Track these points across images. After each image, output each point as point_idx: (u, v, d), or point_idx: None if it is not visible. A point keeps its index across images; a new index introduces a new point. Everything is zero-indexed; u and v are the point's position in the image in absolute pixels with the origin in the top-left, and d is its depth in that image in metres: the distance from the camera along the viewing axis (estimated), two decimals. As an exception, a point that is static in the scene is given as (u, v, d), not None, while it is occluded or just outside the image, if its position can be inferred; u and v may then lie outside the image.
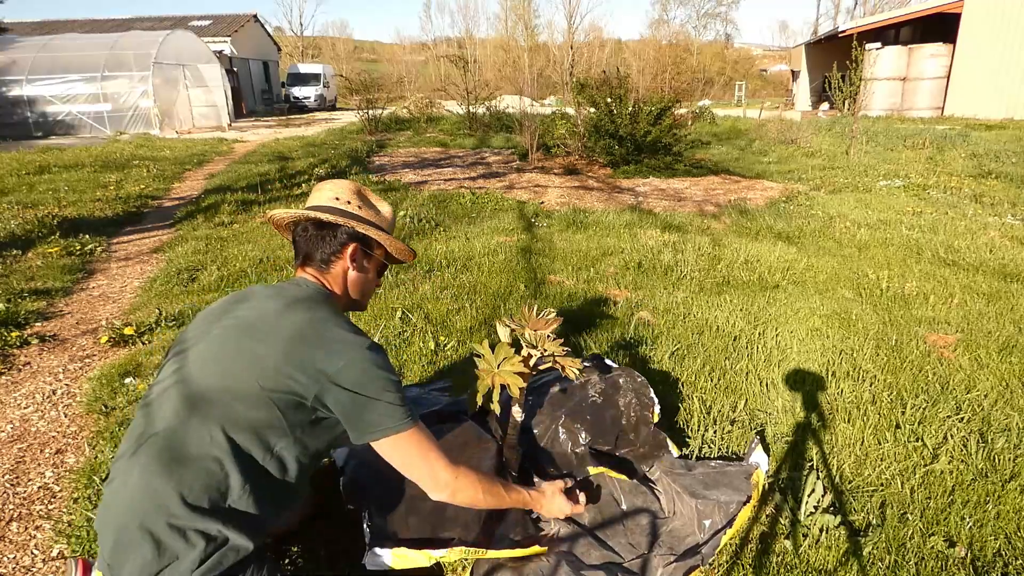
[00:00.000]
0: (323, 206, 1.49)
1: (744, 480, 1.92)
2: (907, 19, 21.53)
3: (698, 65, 49.07)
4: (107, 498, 1.26)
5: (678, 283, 4.12)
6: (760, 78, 52.12)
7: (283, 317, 1.32)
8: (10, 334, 3.32)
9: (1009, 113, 17.65)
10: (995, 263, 4.51)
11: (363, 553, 1.58)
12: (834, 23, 42.54)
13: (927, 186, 7.68)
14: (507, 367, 1.69)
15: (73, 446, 2.37)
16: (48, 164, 9.47)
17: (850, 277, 4.21)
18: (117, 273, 4.63)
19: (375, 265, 1.55)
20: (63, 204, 6.67)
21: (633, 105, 9.92)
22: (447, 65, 35.42)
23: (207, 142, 13.68)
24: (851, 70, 11.28)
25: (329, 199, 1.50)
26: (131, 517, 1.19)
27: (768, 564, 1.72)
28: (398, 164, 10.47)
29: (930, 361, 2.92)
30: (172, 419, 1.25)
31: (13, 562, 1.79)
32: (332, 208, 1.48)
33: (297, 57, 46.64)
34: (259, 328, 1.31)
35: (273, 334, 1.29)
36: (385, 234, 1.52)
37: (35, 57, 16.48)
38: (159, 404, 1.29)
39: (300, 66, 30.58)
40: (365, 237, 1.49)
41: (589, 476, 1.89)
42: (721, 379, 2.74)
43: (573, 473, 1.91)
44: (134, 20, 28.00)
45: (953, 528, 1.85)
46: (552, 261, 4.60)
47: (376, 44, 77.86)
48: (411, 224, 5.73)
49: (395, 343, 3.09)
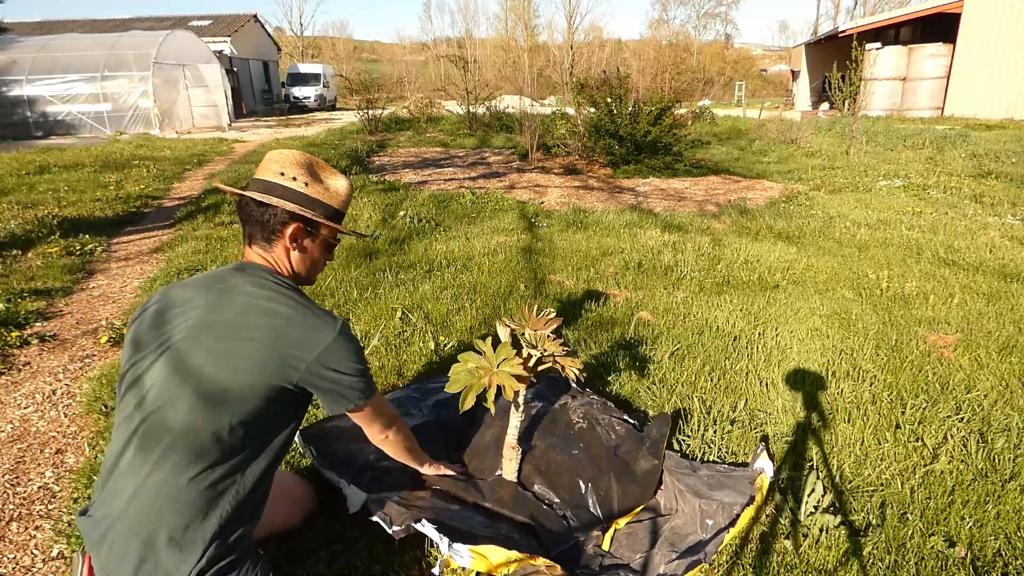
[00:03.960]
0: (264, 181, 1.41)
1: (748, 484, 1.92)
2: (907, 19, 21.53)
3: (698, 65, 49.08)
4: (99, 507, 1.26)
5: (678, 283, 4.12)
6: (760, 78, 52.10)
7: (249, 312, 1.31)
8: (10, 334, 3.32)
9: (1009, 113, 17.65)
10: (995, 263, 4.51)
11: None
12: (834, 23, 42.56)
13: (927, 186, 7.68)
14: (506, 368, 1.69)
15: (73, 446, 2.36)
16: (48, 164, 9.47)
17: (850, 277, 4.21)
18: (117, 273, 4.63)
19: (321, 243, 1.48)
20: (63, 204, 6.67)
21: (633, 105, 9.92)
22: (447, 65, 35.45)
23: (207, 142, 13.68)
24: (851, 70, 11.27)
25: (274, 174, 1.42)
26: (126, 526, 1.21)
27: (768, 564, 1.72)
28: (398, 164, 10.47)
29: (930, 361, 2.92)
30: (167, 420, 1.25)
31: (13, 562, 1.79)
32: (273, 185, 1.41)
33: (297, 57, 46.61)
34: (229, 326, 1.29)
35: (245, 329, 1.29)
36: (324, 217, 1.44)
37: (35, 57, 16.47)
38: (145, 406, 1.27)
39: (300, 66, 30.58)
40: (308, 217, 1.42)
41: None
42: (721, 379, 2.74)
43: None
44: (134, 20, 28.00)
45: (953, 528, 1.85)
46: (552, 261, 4.60)
47: (376, 44, 77.86)
48: (411, 224, 5.73)
49: (395, 343, 3.09)
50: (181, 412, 1.24)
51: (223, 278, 1.38)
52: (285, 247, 1.43)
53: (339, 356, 1.34)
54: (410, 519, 1.65)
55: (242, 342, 1.27)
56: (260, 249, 1.43)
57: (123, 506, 1.22)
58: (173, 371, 1.26)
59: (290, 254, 1.44)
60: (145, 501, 1.21)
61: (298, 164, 1.44)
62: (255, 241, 1.43)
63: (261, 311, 1.31)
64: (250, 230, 1.43)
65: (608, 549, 1.79)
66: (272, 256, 1.43)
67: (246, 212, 1.42)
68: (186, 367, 1.26)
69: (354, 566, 1.69)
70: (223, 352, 1.27)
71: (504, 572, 1.59)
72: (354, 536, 1.77)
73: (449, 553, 1.60)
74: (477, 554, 1.59)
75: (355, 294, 3.82)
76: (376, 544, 1.74)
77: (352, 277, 4.16)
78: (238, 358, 1.26)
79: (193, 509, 1.22)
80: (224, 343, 1.27)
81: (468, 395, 1.68)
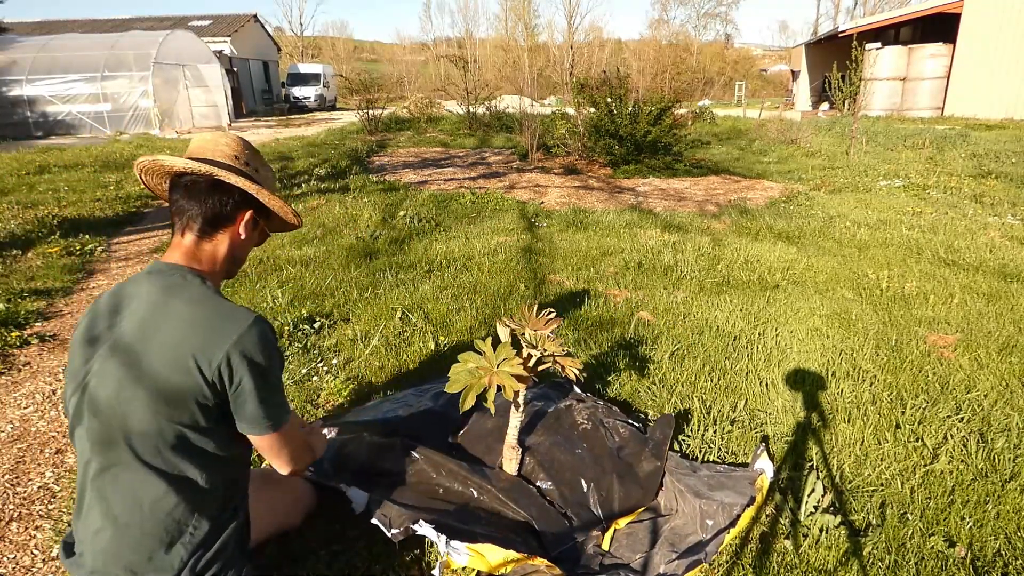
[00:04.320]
0: (222, 163, 1.31)
1: (748, 484, 1.93)
2: (907, 19, 21.54)
3: (698, 65, 49.08)
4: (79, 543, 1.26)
5: (678, 283, 4.12)
6: (760, 78, 52.10)
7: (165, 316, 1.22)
8: (10, 334, 3.32)
9: (1009, 113, 17.65)
10: (995, 263, 4.51)
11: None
12: (834, 23, 42.56)
13: (927, 186, 7.68)
14: (506, 368, 1.69)
15: (73, 446, 2.36)
16: (48, 164, 9.47)
17: (850, 277, 4.21)
18: (117, 273, 4.63)
19: (260, 231, 1.42)
20: (63, 204, 6.67)
21: (633, 105, 9.93)
22: (447, 65, 35.44)
23: (207, 142, 13.66)
24: (851, 70, 11.27)
25: (226, 156, 1.32)
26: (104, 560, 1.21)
27: (768, 564, 1.72)
28: (398, 164, 10.47)
29: (930, 361, 2.92)
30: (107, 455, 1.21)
31: (13, 562, 1.79)
32: (232, 167, 1.31)
33: (297, 57, 46.61)
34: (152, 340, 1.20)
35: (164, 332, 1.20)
36: (281, 203, 1.38)
37: (35, 57, 16.48)
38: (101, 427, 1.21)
39: (300, 66, 30.59)
40: (261, 205, 1.35)
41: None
42: (721, 379, 2.74)
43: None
44: (134, 20, 28.01)
45: (953, 528, 1.85)
46: (552, 261, 4.60)
47: (376, 44, 77.86)
48: (411, 224, 5.73)
49: (395, 343, 3.09)
50: (124, 430, 1.19)
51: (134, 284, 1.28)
52: (234, 234, 1.33)
53: (254, 348, 1.21)
54: (409, 521, 1.65)
55: (158, 350, 1.19)
56: (195, 237, 1.29)
57: (91, 544, 1.22)
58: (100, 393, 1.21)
59: (233, 243, 1.34)
60: (109, 537, 1.21)
61: (246, 149, 1.37)
62: (191, 229, 1.29)
63: (172, 315, 1.22)
64: (190, 216, 1.29)
65: (608, 549, 1.79)
66: (206, 246, 1.31)
67: (190, 192, 1.28)
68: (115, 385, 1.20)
69: (354, 566, 1.68)
70: (143, 364, 1.19)
71: (503, 572, 1.59)
72: (354, 536, 1.77)
73: (447, 551, 1.60)
74: (475, 552, 1.59)
75: (355, 294, 3.82)
76: (376, 544, 1.74)
77: (352, 277, 4.16)
78: (157, 367, 1.18)
79: (157, 535, 1.21)
80: (143, 354, 1.20)
81: (468, 395, 1.67)
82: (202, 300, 1.24)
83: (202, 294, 1.25)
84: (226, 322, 1.22)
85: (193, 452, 1.23)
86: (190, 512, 1.23)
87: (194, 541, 1.24)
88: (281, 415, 1.28)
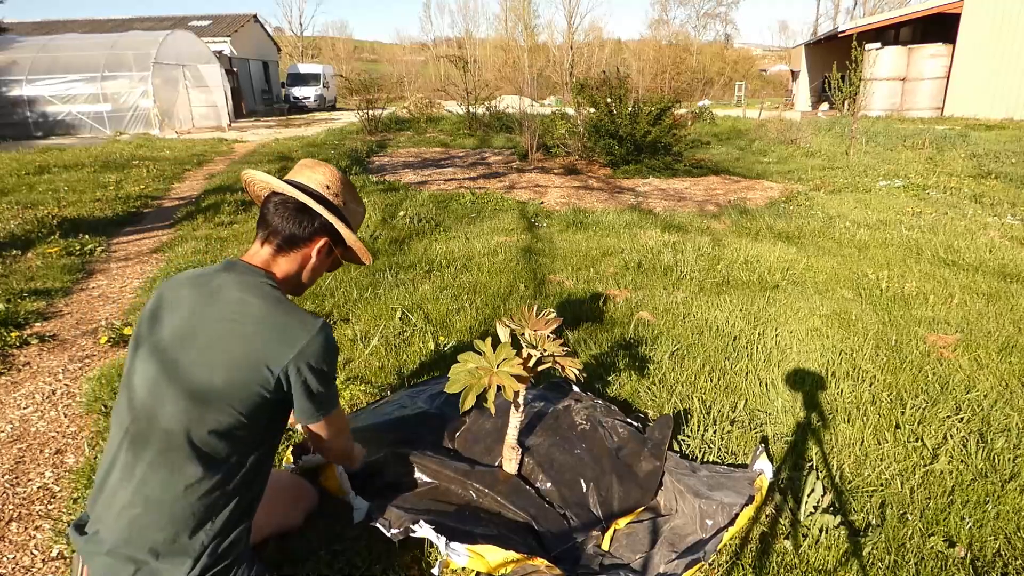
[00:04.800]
0: (311, 189, 1.44)
1: (748, 484, 1.93)
2: (907, 19, 21.54)
3: (698, 65, 49.09)
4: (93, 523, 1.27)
5: (678, 283, 4.12)
6: (760, 78, 52.07)
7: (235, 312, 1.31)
8: (10, 334, 3.31)
9: (1009, 113, 17.65)
10: (995, 263, 4.51)
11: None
12: (834, 23, 42.58)
13: (927, 186, 7.68)
14: (506, 368, 1.69)
15: (73, 446, 2.36)
16: (48, 164, 9.47)
17: (850, 277, 4.21)
18: (117, 273, 4.63)
19: (333, 260, 1.53)
20: (63, 204, 6.67)
21: (633, 105, 9.92)
22: (447, 65, 35.38)
23: (207, 142, 13.68)
24: (851, 70, 11.28)
25: (319, 184, 1.46)
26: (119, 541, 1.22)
27: (768, 564, 1.72)
28: (398, 164, 10.47)
29: (930, 361, 2.92)
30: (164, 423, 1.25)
31: (13, 562, 1.79)
32: (319, 195, 1.44)
33: (297, 57, 46.62)
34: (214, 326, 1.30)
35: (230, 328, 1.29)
36: (357, 239, 1.49)
37: (35, 57, 16.48)
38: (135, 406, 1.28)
39: (300, 66, 30.60)
40: (338, 235, 1.46)
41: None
42: (721, 379, 2.74)
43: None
44: (134, 20, 28.00)
45: (953, 528, 1.85)
46: (552, 261, 4.60)
47: (376, 44, 77.87)
48: (411, 224, 5.73)
49: (395, 343, 3.09)
50: (169, 413, 1.25)
51: (212, 276, 1.37)
52: (306, 256, 1.43)
53: (319, 354, 1.33)
54: (408, 521, 1.65)
55: (227, 340, 1.28)
56: (272, 250, 1.41)
57: (114, 521, 1.23)
58: (161, 371, 1.27)
59: (306, 264, 1.45)
60: (136, 514, 1.22)
61: (341, 181, 1.49)
62: (271, 242, 1.41)
63: (248, 311, 1.31)
64: (272, 230, 1.41)
65: (608, 549, 1.79)
66: (279, 259, 1.42)
67: (278, 210, 1.40)
68: (174, 367, 1.27)
69: (354, 566, 1.68)
70: (209, 351, 1.27)
71: (503, 572, 1.59)
72: (354, 536, 1.77)
73: (447, 552, 1.60)
74: (475, 553, 1.59)
75: (355, 294, 3.82)
76: (376, 544, 1.74)
77: (352, 277, 4.16)
78: (223, 357, 1.27)
79: (184, 519, 1.23)
80: (210, 342, 1.28)
81: (468, 395, 1.67)
82: (276, 302, 1.34)
83: (276, 297, 1.35)
84: (297, 327, 1.32)
85: (236, 441, 1.28)
86: (220, 500, 1.27)
87: (215, 528, 1.26)
88: (330, 406, 1.43)
